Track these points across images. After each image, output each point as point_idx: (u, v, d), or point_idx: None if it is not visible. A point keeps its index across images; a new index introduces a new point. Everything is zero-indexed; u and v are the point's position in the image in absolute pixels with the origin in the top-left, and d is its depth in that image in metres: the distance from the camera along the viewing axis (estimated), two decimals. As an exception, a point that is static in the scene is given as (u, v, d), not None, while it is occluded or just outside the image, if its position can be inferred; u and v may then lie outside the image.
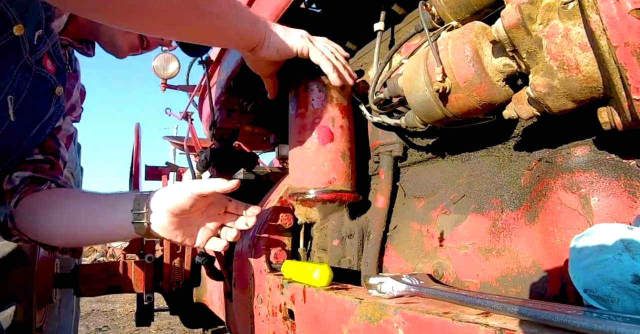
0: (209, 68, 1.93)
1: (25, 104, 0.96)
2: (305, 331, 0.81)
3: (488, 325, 0.45)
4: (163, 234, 0.89)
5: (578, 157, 0.61)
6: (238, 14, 0.86)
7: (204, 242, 0.93)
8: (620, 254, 0.42)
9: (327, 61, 0.93)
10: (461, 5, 0.70)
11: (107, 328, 4.50)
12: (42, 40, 0.93)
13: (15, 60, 0.90)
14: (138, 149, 2.76)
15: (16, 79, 0.91)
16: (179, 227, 0.90)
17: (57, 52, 1.00)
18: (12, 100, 0.91)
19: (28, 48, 0.91)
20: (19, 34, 0.85)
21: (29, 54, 0.91)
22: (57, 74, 1.01)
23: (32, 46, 0.91)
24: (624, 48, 0.42)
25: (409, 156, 0.96)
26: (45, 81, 0.99)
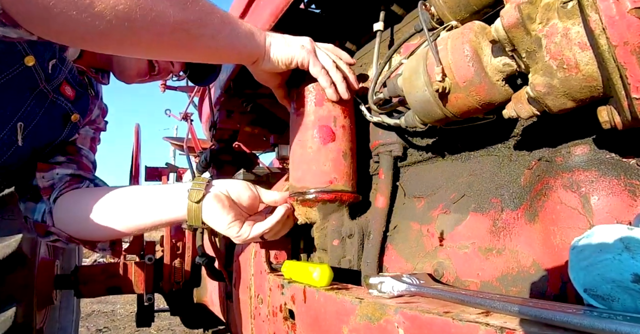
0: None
1: (36, 130, 1.00)
2: (306, 331, 0.81)
3: (488, 324, 0.45)
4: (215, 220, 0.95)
5: (578, 157, 0.61)
6: (233, 31, 0.84)
7: (248, 234, 0.97)
8: (620, 253, 0.42)
9: (325, 76, 0.92)
10: (460, 5, 0.70)
11: (108, 329, 4.50)
12: (57, 69, 0.97)
13: (30, 89, 0.94)
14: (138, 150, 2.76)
15: (29, 107, 0.95)
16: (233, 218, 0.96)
17: (75, 78, 1.04)
18: (22, 126, 0.96)
19: (43, 77, 0.95)
20: (31, 64, 0.89)
21: (45, 83, 0.95)
22: (76, 99, 1.06)
23: (47, 75, 0.95)
24: (623, 47, 0.42)
25: (409, 155, 0.96)
26: (60, 108, 1.03)
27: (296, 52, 0.92)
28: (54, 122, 1.04)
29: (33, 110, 0.97)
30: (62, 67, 0.98)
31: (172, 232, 2.45)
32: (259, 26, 1.22)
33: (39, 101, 0.97)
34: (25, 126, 0.97)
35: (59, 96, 1.02)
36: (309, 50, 0.93)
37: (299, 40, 0.94)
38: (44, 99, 0.98)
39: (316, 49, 0.95)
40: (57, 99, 1.01)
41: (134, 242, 2.45)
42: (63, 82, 1.00)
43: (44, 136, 1.04)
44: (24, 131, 0.97)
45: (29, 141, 0.99)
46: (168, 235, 2.42)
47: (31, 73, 0.91)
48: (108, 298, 5.67)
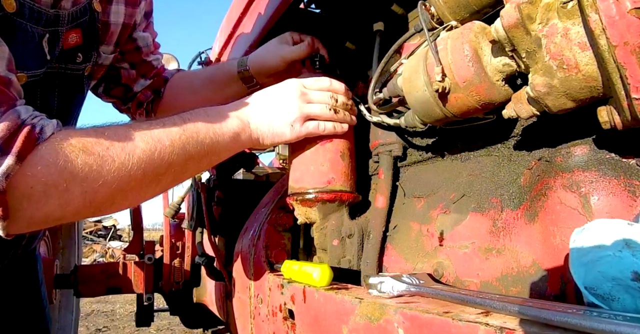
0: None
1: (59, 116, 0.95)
2: (306, 331, 0.81)
3: (488, 324, 0.45)
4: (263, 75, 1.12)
5: (578, 157, 0.61)
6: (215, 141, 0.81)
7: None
8: (620, 251, 0.42)
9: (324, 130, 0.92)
10: (460, 5, 0.70)
11: (107, 328, 4.50)
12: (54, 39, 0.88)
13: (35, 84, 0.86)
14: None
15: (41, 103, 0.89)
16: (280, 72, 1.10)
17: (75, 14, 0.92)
18: None
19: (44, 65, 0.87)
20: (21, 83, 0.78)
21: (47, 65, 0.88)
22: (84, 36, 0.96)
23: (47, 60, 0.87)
24: (623, 47, 0.42)
25: (409, 155, 0.96)
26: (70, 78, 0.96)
27: (286, 134, 0.89)
28: (73, 94, 0.99)
29: (46, 101, 0.91)
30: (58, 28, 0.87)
31: (171, 232, 2.44)
32: (259, 26, 1.23)
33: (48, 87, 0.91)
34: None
35: (67, 63, 0.94)
36: (299, 122, 0.89)
37: (285, 114, 0.88)
38: (52, 82, 0.92)
39: (309, 94, 0.91)
40: (66, 68, 0.94)
41: (133, 242, 2.45)
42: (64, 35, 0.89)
43: (71, 114, 1.00)
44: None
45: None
46: (168, 235, 2.42)
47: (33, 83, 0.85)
48: (107, 297, 5.68)
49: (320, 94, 0.92)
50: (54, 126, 0.66)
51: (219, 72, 1.23)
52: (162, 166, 0.73)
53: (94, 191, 0.67)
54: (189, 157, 0.77)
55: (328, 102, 0.92)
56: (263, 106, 0.88)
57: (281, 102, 0.89)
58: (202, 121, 0.80)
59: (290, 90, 0.90)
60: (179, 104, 1.26)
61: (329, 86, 0.95)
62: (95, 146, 0.66)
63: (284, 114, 0.88)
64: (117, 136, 0.69)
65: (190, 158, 0.78)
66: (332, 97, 0.93)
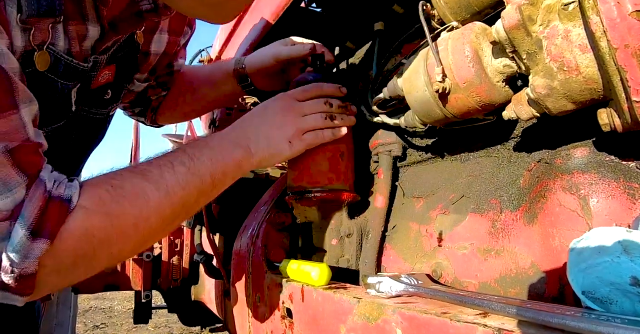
0: (208, 67, 1.93)
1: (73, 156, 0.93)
2: (304, 330, 0.81)
3: (486, 326, 0.45)
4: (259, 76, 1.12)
5: (578, 159, 0.61)
6: (223, 174, 0.82)
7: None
8: (618, 256, 0.42)
9: (323, 139, 0.90)
10: (462, 6, 0.69)
11: (105, 325, 4.50)
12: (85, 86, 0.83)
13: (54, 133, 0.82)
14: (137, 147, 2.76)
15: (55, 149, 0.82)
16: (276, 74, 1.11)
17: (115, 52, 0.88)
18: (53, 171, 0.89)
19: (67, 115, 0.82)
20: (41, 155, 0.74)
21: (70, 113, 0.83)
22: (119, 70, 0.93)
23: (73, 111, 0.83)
24: (624, 50, 0.42)
25: (409, 156, 0.96)
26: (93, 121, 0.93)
27: (285, 152, 0.88)
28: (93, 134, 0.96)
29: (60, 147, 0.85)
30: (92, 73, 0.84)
31: (170, 230, 2.44)
32: (260, 24, 1.23)
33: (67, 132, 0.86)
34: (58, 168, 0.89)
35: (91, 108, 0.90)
36: (296, 139, 0.88)
37: (282, 133, 0.87)
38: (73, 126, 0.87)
39: (302, 107, 0.89)
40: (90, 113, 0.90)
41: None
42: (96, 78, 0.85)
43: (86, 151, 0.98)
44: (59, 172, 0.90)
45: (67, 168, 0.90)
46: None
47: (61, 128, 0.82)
48: (106, 294, 5.68)
49: (313, 104, 0.90)
50: (77, 189, 0.64)
51: (217, 71, 1.23)
52: (177, 210, 0.75)
53: (120, 251, 0.69)
54: (200, 194, 0.79)
55: (323, 110, 0.90)
56: (260, 128, 0.87)
57: (276, 121, 0.87)
58: (207, 157, 0.80)
59: (282, 106, 0.89)
60: (180, 100, 1.26)
61: (321, 91, 0.92)
62: (117, 207, 0.66)
63: (280, 133, 0.87)
64: (134, 189, 0.69)
65: (201, 195, 0.79)
66: (326, 104, 0.91)
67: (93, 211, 0.64)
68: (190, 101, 1.26)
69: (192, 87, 1.25)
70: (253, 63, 1.15)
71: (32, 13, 0.62)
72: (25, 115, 0.60)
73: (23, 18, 0.61)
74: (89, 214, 0.63)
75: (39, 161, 0.62)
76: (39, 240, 0.58)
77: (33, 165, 0.60)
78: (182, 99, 1.26)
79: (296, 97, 0.90)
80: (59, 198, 0.61)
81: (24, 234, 0.57)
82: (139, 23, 0.86)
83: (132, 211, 0.67)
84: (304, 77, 1.02)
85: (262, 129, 0.87)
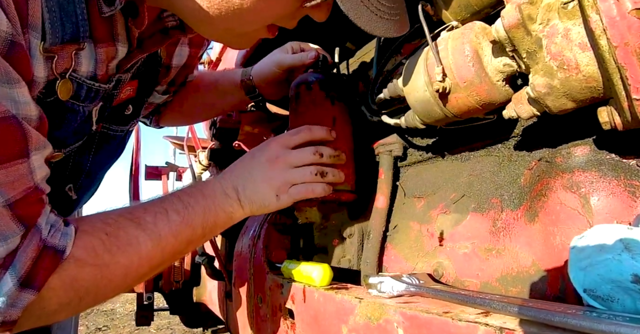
0: (209, 68, 1.93)
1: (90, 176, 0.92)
2: (305, 330, 0.81)
3: (488, 324, 0.45)
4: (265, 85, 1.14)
5: (578, 157, 0.61)
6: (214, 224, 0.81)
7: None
8: (619, 254, 0.42)
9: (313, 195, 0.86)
10: (461, 5, 0.70)
11: (107, 327, 4.50)
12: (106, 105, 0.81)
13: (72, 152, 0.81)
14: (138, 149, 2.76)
15: (73, 166, 0.85)
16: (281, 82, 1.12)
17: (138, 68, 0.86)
18: (72, 187, 0.88)
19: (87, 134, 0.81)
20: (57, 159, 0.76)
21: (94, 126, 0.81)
22: (140, 85, 0.92)
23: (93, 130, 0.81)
24: (624, 48, 0.42)
25: (409, 155, 0.96)
26: (112, 139, 0.91)
27: (272, 206, 0.86)
28: (110, 152, 0.95)
29: (79, 164, 0.86)
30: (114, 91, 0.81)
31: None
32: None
33: (84, 150, 0.85)
34: (75, 185, 0.89)
35: (111, 125, 0.89)
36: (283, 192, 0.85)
37: (270, 186, 0.85)
38: (90, 143, 0.86)
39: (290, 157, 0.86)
40: (110, 129, 0.89)
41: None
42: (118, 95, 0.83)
43: (103, 170, 0.97)
44: (75, 187, 0.89)
45: (85, 188, 0.93)
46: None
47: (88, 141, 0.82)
48: (107, 296, 5.67)
49: (302, 154, 0.87)
50: (72, 238, 0.63)
51: (223, 80, 1.24)
52: (166, 258, 0.75)
53: (104, 296, 0.69)
54: (189, 243, 0.79)
55: (312, 161, 0.86)
56: (248, 180, 0.85)
57: (264, 173, 0.85)
58: (201, 207, 0.79)
59: (270, 157, 0.86)
60: (185, 106, 1.27)
61: (310, 136, 0.89)
62: (109, 258, 0.66)
63: (268, 186, 0.85)
64: (128, 238, 0.69)
65: (190, 244, 0.80)
66: (316, 154, 0.87)
67: (85, 262, 0.63)
68: (194, 107, 1.27)
69: (197, 93, 1.26)
70: (259, 73, 1.15)
71: (56, 41, 0.60)
72: (36, 161, 0.59)
73: (46, 46, 0.59)
74: (80, 265, 0.63)
75: (39, 209, 0.61)
76: (27, 290, 0.58)
77: (32, 215, 0.59)
78: (187, 103, 1.27)
79: (285, 144, 0.88)
80: (53, 248, 0.60)
81: (13, 284, 0.56)
82: (165, 40, 0.84)
83: (123, 261, 0.67)
84: (305, 77, 1.03)
85: (250, 181, 0.85)
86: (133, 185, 2.61)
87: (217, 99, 1.25)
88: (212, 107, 1.28)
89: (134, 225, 0.71)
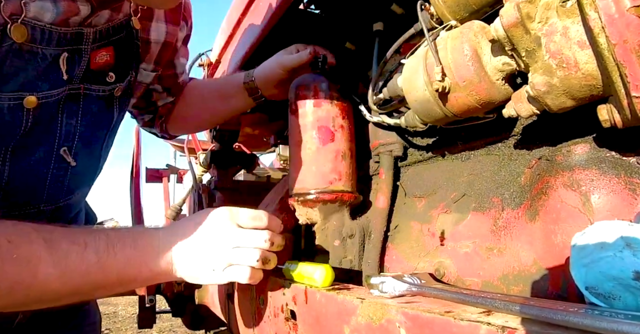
0: (209, 71, 1.94)
1: (83, 140, 0.91)
2: (307, 331, 0.81)
3: (490, 324, 0.45)
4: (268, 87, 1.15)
5: (578, 155, 0.61)
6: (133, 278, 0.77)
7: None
8: (621, 251, 0.42)
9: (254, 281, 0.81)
10: (460, 5, 0.70)
11: (109, 330, 4.50)
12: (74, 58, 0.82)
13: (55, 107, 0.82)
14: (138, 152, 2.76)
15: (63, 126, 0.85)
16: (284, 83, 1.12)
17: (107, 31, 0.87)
18: (67, 150, 0.87)
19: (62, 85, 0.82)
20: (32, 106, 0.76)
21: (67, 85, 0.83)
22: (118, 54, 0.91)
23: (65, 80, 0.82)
24: (622, 46, 0.42)
25: (409, 155, 0.96)
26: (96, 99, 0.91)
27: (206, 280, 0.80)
28: (99, 116, 0.93)
29: (68, 128, 0.86)
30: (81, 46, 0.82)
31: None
32: (259, 27, 1.23)
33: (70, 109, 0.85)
34: (69, 147, 0.87)
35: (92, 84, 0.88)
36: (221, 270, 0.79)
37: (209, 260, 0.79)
38: (75, 103, 0.86)
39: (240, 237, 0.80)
40: (91, 89, 0.88)
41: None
42: (91, 56, 0.85)
43: (97, 137, 0.95)
44: (71, 152, 0.88)
45: (83, 155, 0.92)
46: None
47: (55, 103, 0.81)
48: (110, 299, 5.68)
49: (252, 237, 0.81)
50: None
51: (227, 84, 1.25)
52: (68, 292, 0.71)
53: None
54: (97, 287, 0.75)
55: (261, 247, 0.80)
56: (190, 247, 0.80)
57: (207, 245, 0.79)
58: (125, 256, 0.75)
59: (217, 229, 0.80)
60: (190, 113, 1.28)
61: (266, 225, 0.83)
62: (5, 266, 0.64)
63: (208, 260, 0.79)
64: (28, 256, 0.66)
65: (100, 288, 0.76)
66: (267, 241, 0.81)
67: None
68: (200, 113, 1.28)
69: (202, 99, 1.27)
70: (261, 75, 1.16)
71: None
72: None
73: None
74: None
75: None
76: None
77: None
78: (192, 110, 1.28)
79: (238, 220, 0.82)
80: None
81: None
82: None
83: (11, 273, 0.65)
84: (303, 78, 1.03)
85: (191, 248, 0.80)
86: (134, 187, 2.61)
87: (222, 104, 1.25)
88: (218, 113, 1.29)
89: (45, 246, 0.68)
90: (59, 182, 0.88)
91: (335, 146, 0.95)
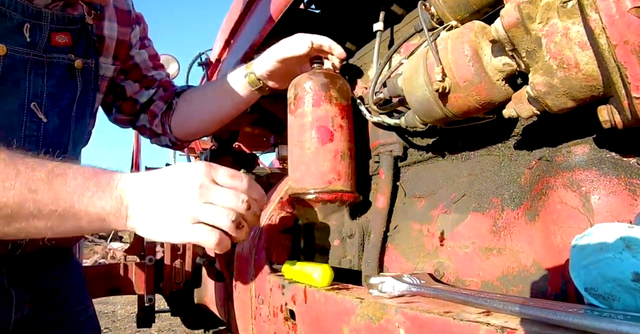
0: (208, 70, 1.93)
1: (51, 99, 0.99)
2: (307, 331, 0.81)
3: (489, 324, 0.45)
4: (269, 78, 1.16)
5: (578, 156, 0.61)
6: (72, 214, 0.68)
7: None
8: (620, 252, 0.42)
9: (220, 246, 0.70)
10: (460, 5, 0.70)
11: (109, 329, 4.49)
12: (36, 29, 0.94)
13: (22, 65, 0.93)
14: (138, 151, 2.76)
15: (31, 83, 0.95)
16: (283, 74, 1.13)
17: (63, 19, 1.00)
18: (37, 105, 0.95)
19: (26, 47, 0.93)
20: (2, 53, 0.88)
21: (31, 50, 0.94)
22: (75, 40, 1.03)
23: (29, 44, 0.94)
24: (623, 46, 0.42)
25: (409, 155, 0.96)
26: (58, 66, 1.00)
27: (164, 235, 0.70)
28: (64, 81, 1.02)
29: (36, 83, 0.95)
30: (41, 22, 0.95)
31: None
32: (259, 26, 1.23)
33: (36, 70, 0.95)
34: (39, 103, 0.96)
35: (52, 54, 0.98)
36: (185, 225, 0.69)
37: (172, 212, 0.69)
38: (40, 67, 0.96)
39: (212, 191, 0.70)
40: (52, 57, 0.98)
41: (134, 243, 2.45)
42: (50, 34, 0.97)
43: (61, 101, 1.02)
44: (41, 108, 0.96)
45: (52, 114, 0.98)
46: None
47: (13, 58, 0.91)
48: (108, 298, 5.67)
49: (228, 195, 0.71)
50: None
51: (228, 82, 1.26)
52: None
53: None
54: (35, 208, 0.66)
55: (235, 207, 0.71)
56: (152, 193, 0.70)
57: (174, 194, 0.69)
58: (78, 183, 0.68)
59: (190, 180, 0.70)
60: (195, 114, 1.29)
61: (245, 187, 0.74)
62: None
63: (170, 210, 0.69)
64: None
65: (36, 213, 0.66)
66: (244, 203, 0.71)
67: None
68: (206, 112, 1.29)
69: (205, 98, 1.29)
70: (260, 67, 1.16)
71: None
72: None
73: None
74: None
75: None
76: None
77: None
78: (197, 111, 1.29)
79: (215, 176, 0.72)
80: None
81: None
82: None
83: None
84: (302, 77, 1.02)
85: (154, 195, 0.70)
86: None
87: (226, 101, 1.26)
88: (224, 110, 1.29)
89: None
90: (33, 136, 0.95)
91: (334, 146, 0.95)
